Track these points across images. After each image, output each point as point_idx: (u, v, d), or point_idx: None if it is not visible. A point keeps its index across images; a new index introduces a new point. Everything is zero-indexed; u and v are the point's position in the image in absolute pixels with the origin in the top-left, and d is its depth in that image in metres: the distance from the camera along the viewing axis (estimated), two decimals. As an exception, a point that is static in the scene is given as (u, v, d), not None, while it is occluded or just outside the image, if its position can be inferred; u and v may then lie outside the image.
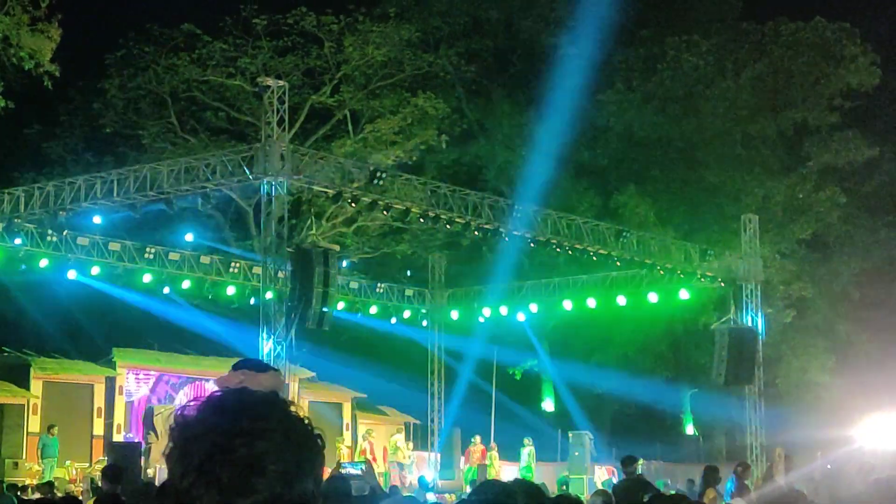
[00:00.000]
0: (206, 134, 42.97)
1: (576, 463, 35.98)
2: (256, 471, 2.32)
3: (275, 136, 26.98)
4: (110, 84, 42.06)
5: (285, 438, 2.39)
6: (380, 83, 43.55)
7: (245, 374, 6.46)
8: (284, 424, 2.42)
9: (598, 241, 33.46)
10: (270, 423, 2.40)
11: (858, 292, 46.63)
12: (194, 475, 2.33)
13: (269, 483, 2.33)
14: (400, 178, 30.29)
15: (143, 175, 28.67)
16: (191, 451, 2.35)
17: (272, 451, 2.35)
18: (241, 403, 2.45)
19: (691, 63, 45.49)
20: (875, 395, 37.87)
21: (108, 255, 32.35)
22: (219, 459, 2.32)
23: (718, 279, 35.97)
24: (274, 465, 2.34)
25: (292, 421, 2.45)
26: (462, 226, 31.27)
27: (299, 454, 2.39)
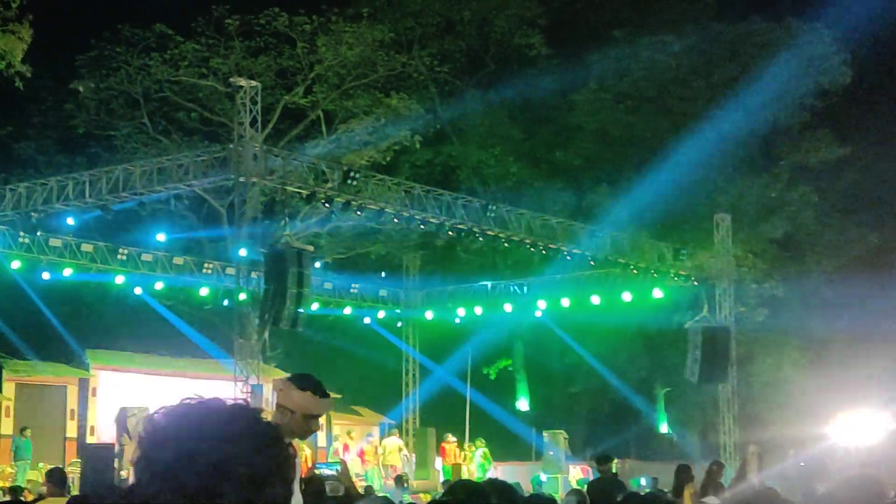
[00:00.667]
0: (179, 134, 42.82)
1: (550, 462, 36.03)
2: (223, 476, 2.29)
3: (248, 137, 26.93)
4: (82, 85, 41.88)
5: (253, 444, 2.35)
6: (353, 83, 43.48)
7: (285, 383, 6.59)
8: (252, 430, 2.38)
9: (572, 241, 33.52)
10: (238, 429, 2.36)
11: (831, 291, 46.76)
12: (160, 482, 2.30)
13: (237, 488, 2.29)
14: (373, 178, 30.28)
15: (115, 176, 28.59)
16: (156, 458, 2.33)
17: (240, 455, 2.32)
18: (209, 410, 2.41)
19: (664, 63, 45.59)
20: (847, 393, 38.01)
21: (81, 256, 32.28)
22: (185, 465, 2.29)
23: (691, 278, 36.09)
24: (242, 469, 2.31)
25: (261, 427, 2.41)
26: (436, 226, 31.29)
27: (268, 459, 2.36)
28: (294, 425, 6.39)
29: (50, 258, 31.82)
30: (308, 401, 6.41)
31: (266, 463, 2.35)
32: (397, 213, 30.11)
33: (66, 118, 42.65)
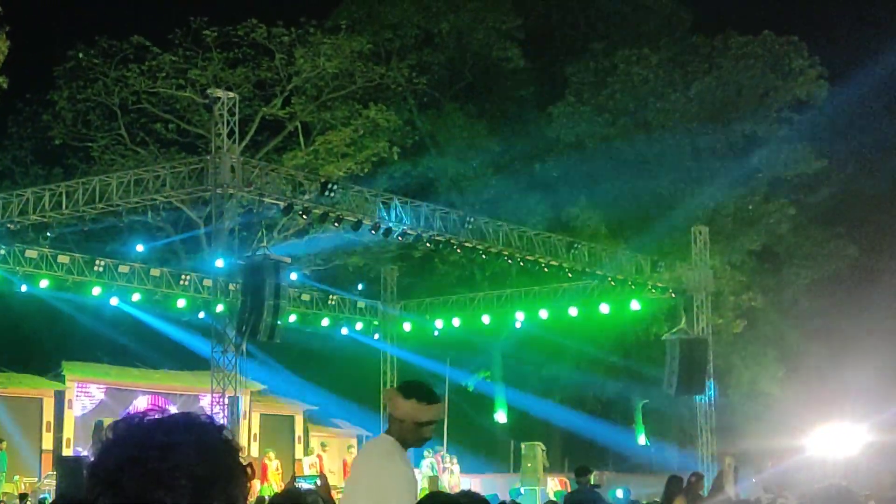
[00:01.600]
0: (157, 146, 42.77)
1: (528, 474, 36.00)
2: (163, 484, 2.28)
3: (225, 148, 26.86)
4: (59, 96, 41.80)
5: (202, 456, 2.34)
6: (331, 95, 43.51)
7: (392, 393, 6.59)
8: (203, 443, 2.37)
9: (550, 253, 33.53)
10: (187, 439, 2.35)
11: (808, 303, 46.96)
12: (102, 487, 2.30)
13: (177, 497, 2.28)
14: (351, 189, 30.24)
15: (92, 187, 28.48)
16: (103, 464, 2.32)
17: (185, 465, 2.30)
18: (162, 420, 2.40)
19: (641, 76, 45.73)
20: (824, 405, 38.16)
21: (58, 267, 32.14)
22: (128, 471, 2.28)
23: (669, 290, 36.13)
24: (183, 480, 2.29)
25: (215, 441, 2.40)
26: (414, 237, 31.27)
27: (215, 472, 2.34)
28: (406, 434, 6.44)
29: (26, 270, 31.69)
30: (414, 408, 6.43)
31: (210, 476, 2.33)
32: (375, 225, 30.08)
33: (42, 129, 42.57)
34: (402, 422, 6.43)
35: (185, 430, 2.37)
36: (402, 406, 6.44)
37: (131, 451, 2.30)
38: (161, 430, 2.35)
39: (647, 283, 35.51)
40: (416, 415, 6.43)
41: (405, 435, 6.44)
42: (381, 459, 6.45)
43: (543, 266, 33.87)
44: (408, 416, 6.42)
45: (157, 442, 2.32)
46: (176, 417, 2.41)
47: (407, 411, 6.42)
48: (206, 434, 2.39)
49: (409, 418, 6.42)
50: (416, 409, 6.43)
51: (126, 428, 2.37)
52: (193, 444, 2.34)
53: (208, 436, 2.39)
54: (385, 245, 40.07)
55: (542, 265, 33.80)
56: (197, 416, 2.44)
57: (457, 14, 49.06)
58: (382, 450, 6.49)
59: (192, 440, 2.35)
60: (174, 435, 2.35)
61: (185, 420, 2.40)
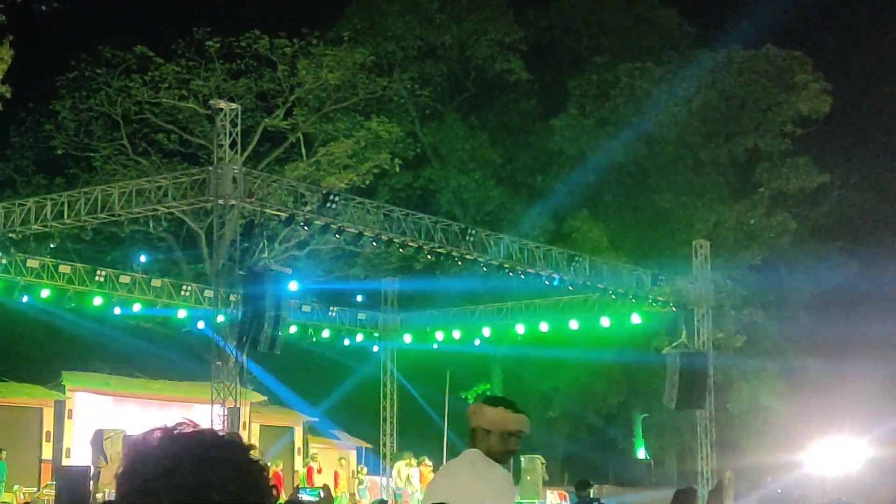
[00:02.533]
0: (158, 156, 42.88)
1: (528, 487, 36.04)
2: (199, 498, 2.33)
3: (227, 159, 26.94)
4: (62, 106, 41.91)
5: (234, 473, 2.39)
6: (333, 106, 43.63)
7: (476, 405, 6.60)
8: (236, 461, 2.42)
9: (551, 266, 33.60)
10: (222, 456, 2.40)
11: (809, 317, 46.99)
12: (136, 496, 2.35)
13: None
14: (353, 201, 30.31)
15: (93, 197, 28.56)
16: (137, 472, 2.37)
17: (218, 481, 2.35)
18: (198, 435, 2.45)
19: (644, 89, 45.86)
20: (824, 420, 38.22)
21: (59, 277, 32.21)
22: (163, 483, 2.34)
23: (670, 304, 36.18)
24: (218, 495, 2.34)
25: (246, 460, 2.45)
26: (415, 249, 31.33)
27: (246, 491, 2.39)
28: (493, 445, 6.35)
29: (27, 279, 31.78)
30: (503, 416, 6.36)
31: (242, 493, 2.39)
32: (376, 237, 30.15)
33: (45, 139, 42.68)
34: (490, 432, 6.33)
35: (218, 446, 2.43)
36: (490, 415, 6.37)
37: (166, 462, 2.36)
38: (197, 445, 2.41)
39: (647, 297, 35.57)
40: (505, 423, 6.35)
41: (492, 446, 6.35)
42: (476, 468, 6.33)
43: (544, 279, 33.94)
44: (496, 425, 6.34)
45: (192, 456, 2.38)
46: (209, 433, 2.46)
47: (496, 420, 6.34)
48: (239, 452, 2.45)
49: (497, 427, 6.34)
50: (506, 418, 6.36)
51: (160, 438, 2.44)
52: (228, 461, 2.41)
53: (241, 454, 2.45)
54: (386, 257, 40.17)
55: (543, 278, 33.86)
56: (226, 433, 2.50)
57: (459, 26, 49.21)
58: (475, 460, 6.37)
59: (227, 457, 2.42)
60: (209, 451, 2.41)
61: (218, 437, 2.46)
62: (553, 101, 48.60)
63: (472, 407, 6.56)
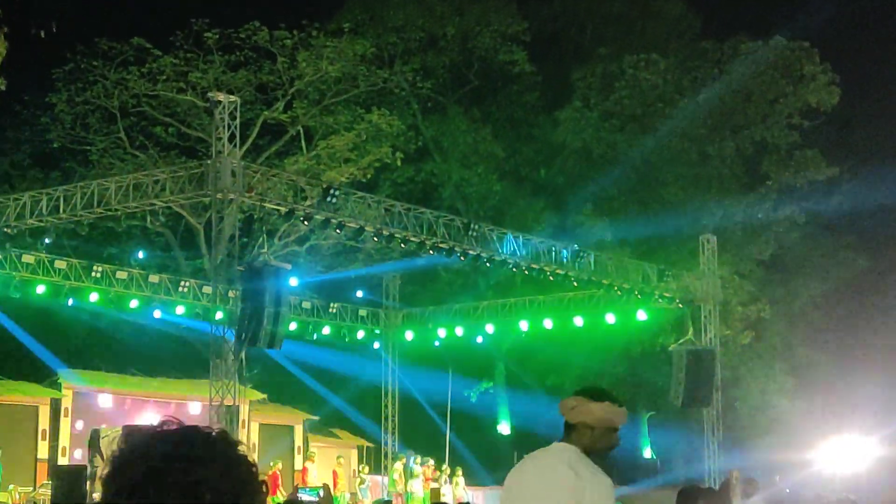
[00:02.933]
0: (156, 150, 42.82)
1: (532, 487, 35.95)
2: (189, 498, 2.31)
3: (226, 153, 26.91)
4: (58, 98, 41.87)
5: (224, 471, 2.37)
6: (334, 99, 43.57)
7: (578, 399, 6.38)
8: (227, 458, 2.40)
9: (555, 261, 33.55)
10: (211, 453, 2.38)
11: (818, 313, 46.94)
12: (124, 498, 2.32)
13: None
14: (354, 195, 30.27)
15: (90, 191, 28.55)
16: (126, 474, 2.34)
17: (210, 480, 2.33)
18: (186, 432, 2.43)
19: (649, 81, 45.77)
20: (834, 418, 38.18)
21: (55, 273, 32.18)
22: (154, 483, 2.31)
23: (676, 300, 36.14)
24: (208, 494, 2.32)
25: (236, 457, 2.43)
26: (417, 245, 31.29)
27: (239, 489, 2.38)
28: (595, 442, 6.22)
29: (22, 275, 31.74)
30: (608, 411, 6.22)
31: (233, 491, 2.36)
32: (377, 232, 30.11)
33: (41, 132, 42.64)
34: (594, 428, 6.19)
35: (207, 444, 2.40)
36: (594, 410, 6.20)
37: (155, 462, 2.33)
38: (185, 443, 2.38)
39: (653, 293, 35.54)
40: (611, 418, 6.23)
41: (595, 442, 6.22)
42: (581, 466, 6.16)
43: (548, 274, 33.90)
44: (601, 420, 6.19)
45: (181, 455, 2.35)
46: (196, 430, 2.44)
47: (601, 416, 6.19)
48: (228, 449, 2.43)
49: (602, 423, 6.20)
50: (612, 412, 6.22)
51: (147, 438, 2.40)
52: (217, 458, 2.38)
53: (230, 451, 2.42)
54: (387, 252, 40.13)
55: (547, 273, 33.82)
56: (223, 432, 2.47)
57: (462, 17, 49.16)
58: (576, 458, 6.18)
59: (216, 455, 2.39)
60: (198, 449, 2.38)
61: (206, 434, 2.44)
62: (557, 94, 48.53)
63: (571, 401, 6.34)
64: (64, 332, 38.72)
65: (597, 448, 6.25)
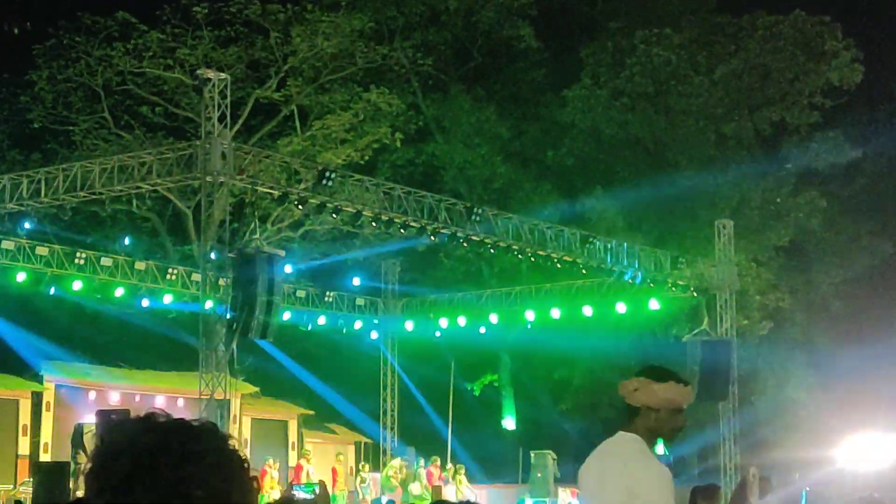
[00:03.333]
0: (142, 130, 42.79)
1: (538, 485, 36.06)
2: (179, 495, 2.29)
3: (216, 133, 26.88)
4: (38, 76, 41.83)
5: (215, 466, 2.35)
6: (330, 77, 43.53)
7: (639, 381, 6.31)
8: (217, 452, 2.38)
9: (563, 248, 33.55)
10: (201, 448, 2.36)
11: (840, 303, 46.91)
12: (111, 493, 2.30)
13: None
14: (351, 178, 30.26)
15: (73, 174, 28.54)
16: (111, 469, 2.32)
17: (200, 476, 2.31)
18: (174, 425, 2.41)
19: (662, 58, 45.67)
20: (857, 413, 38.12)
21: (36, 259, 32.15)
22: (140, 479, 2.29)
23: (690, 288, 36.14)
24: (199, 491, 2.30)
25: (227, 451, 2.41)
26: (417, 230, 31.29)
27: (229, 485, 2.36)
28: (661, 424, 6.17)
29: (2, 262, 31.72)
30: (674, 392, 6.17)
31: (226, 489, 2.35)
32: (376, 216, 30.10)
33: (20, 111, 42.60)
34: (658, 411, 6.14)
35: (197, 438, 2.38)
36: (659, 392, 6.14)
37: (143, 458, 2.31)
38: (174, 437, 2.36)
39: (667, 281, 35.53)
40: (676, 399, 6.17)
41: (660, 426, 6.17)
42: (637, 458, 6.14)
43: (556, 261, 33.91)
44: (666, 402, 6.14)
45: (170, 450, 2.33)
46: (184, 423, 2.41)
47: (665, 397, 6.14)
48: (219, 443, 2.40)
49: (667, 405, 6.14)
50: (677, 393, 6.17)
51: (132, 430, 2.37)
52: (207, 453, 2.36)
53: (220, 445, 2.40)
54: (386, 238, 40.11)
55: (555, 260, 33.83)
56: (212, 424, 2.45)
57: (465, -10, 49.07)
58: (635, 449, 6.16)
59: (206, 449, 2.36)
60: (188, 443, 2.35)
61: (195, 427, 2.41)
62: (565, 71, 48.41)
63: (633, 383, 6.30)
64: (46, 322, 38.69)
65: (663, 431, 6.23)
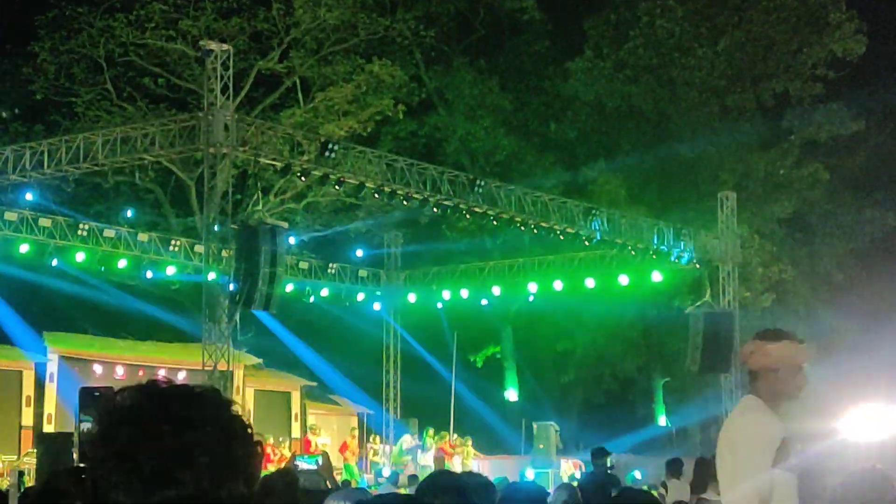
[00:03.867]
0: (145, 102, 42.72)
1: (540, 456, 36.08)
2: (183, 462, 2.29)
3: (218, 105, 26.86)
4: (40, 47, 41.74)
5: (219, 432, 2.35)
6: (332, 48, 43.42)
7: (755, 344, 6.31)
8: (220, 418, 2.38)
9: (566, 220, 33.53)
10: (204, 414, 2.36)
11: (842, 275, 46.90)
12: (114, 461, 2.30)
13: (196, 476, 2.29)
14: (353, 150, 30.23)
15: (76, 145, 28.52)
16: (113, 435, 2.32)
17: (203, 442, 2.32)
18: (176, 391, 2.41)
19: (665, 29, 45.58)
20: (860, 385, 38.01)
21: (39, 231, 32.12)
22: (143, 446, 2.29)
23: (693, 260, 36.13)
24: (203, 458, 2.30)
25: (229, 416, 2.41)
26: (420, 202, 31.29)
27: (232, 451, 2.36)
28: (781, 384, 6.20)
29: (4, 233, 31.71)
30: (790, 350, 6.22)
31: (230, 455, 2.35)
32: (378, 188, 30.10)
33: (23, 83, 42.51)
34: (776, 371, 6.17)
35: (200, 404, 2.38)
36: (774, 351, 6.18)
37: (147, 424, 2.31)
38: (178, 404, 2.36)
39: (669, 253, 35.52)
40: (794, 356, 6.22)
41: (780, 386, 6.19)
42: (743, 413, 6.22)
43: (558, 234, 33.89)
44: (783, 360, 6.18)
45: (174, 416, 2.33)
46: (188, 390, 2.41)
47: (782, 355, 6.18)
48: (221, 409, 2.41)
49: (785, 362, 6.18)
50: (792, 350, 6.22)
51: (138, 399, 2.37)
52: (210, 419, 2.36)
53: (223, 411, 2.40)
54: (389, 210, 40.11)
55: (557, 233, 33.81)
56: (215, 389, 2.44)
57: (468, -39, 48.94)
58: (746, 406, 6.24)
59: (209, 415, 2.37)
60: (192, 409, 2.36)
61: (197, 394, 2.41)
62: (568, 43, 48.32)
63: (749, 346, 6.33)
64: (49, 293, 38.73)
65: (786, 390, 6.27)
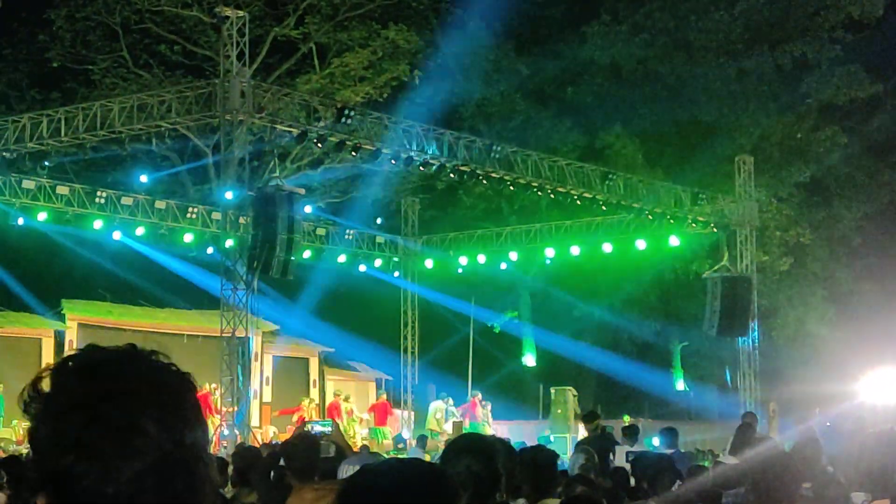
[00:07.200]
0: (161, 69, 42.74)
1: (558, 421, 36.16)
2: (136, 432, 2.24)
3: (234, 72, 26.88)
4: (56, 15, 41.75)
5: (157, 391, 2.29)
6: (348, 14, 43.33)
7: None
8: (151, 376, 2.32)
9: (583, 184, 33.50)
10: (136, 379, 2.30)
11: (860, 238, 46.81)
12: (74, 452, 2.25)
13: (154, 442, 2.25)
14: (370, 116, 30.22)
15: (92, 113, 28.55)
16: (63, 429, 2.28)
17: (147, 407, 2.26)
18: (96, 363, 2.33)
19: (683, -8, 45.45)
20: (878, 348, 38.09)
21: (57, 199, 32.20)
22: (96, 429, 2.23)
23: (711, 224, 36.10)
24: (154, 421, 2.25)
25: (160, 371, 2.34)
26: (436, 168, 31.28)
27: (178, 404, 2.31)
28: None
29: (23, 201, 31.78)
30: None
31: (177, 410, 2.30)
32: (395, 154, 30.09)
33: (39, 51, 42.54)
34: None
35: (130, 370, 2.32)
36: None
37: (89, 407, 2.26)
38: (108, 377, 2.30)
39: (687, 217, 35.48)
40: None
41: None
42: None
43: (575, 198, 33.87)
44: None
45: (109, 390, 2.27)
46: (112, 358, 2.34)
47: None
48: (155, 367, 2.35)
49: None
50: None
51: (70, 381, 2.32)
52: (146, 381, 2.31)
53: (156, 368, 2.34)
54: (406, 176, 40.10)
55: (574, 197, 33.79)
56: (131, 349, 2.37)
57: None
58: None
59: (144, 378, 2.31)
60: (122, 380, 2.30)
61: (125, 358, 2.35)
62: (584, 7, 48.14)
63: None
64: (67, 260, 38.84)
65: None
